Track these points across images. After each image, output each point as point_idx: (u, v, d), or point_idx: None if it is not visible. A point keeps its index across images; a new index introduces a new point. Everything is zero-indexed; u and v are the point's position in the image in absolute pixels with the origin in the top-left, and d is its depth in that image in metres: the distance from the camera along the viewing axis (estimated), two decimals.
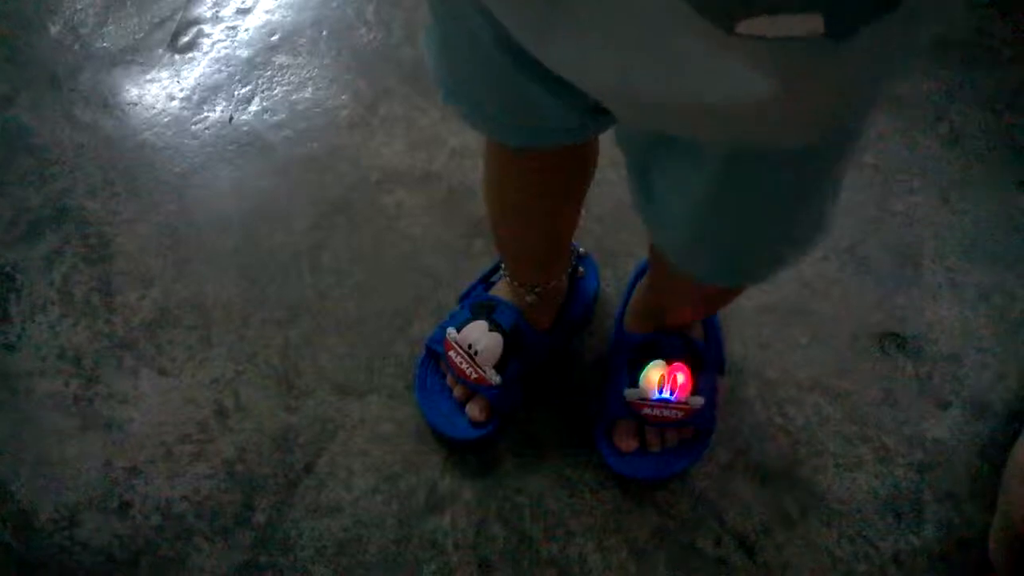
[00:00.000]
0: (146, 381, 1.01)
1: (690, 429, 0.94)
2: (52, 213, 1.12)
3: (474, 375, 0.93)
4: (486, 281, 1.02)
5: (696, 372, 0.92)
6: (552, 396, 1.00)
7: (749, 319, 1.04)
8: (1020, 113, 1.20)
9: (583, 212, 1.10)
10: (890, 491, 0.96)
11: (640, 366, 0.92)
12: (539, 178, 0.76)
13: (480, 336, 0.93)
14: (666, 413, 0.91)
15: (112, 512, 0.94)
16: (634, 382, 0.92)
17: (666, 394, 0.90)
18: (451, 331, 0.94)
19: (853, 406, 1.00)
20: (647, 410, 0.91)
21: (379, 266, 1.08)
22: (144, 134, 1.19)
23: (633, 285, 1.01)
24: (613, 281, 1.06)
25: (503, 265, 0.95)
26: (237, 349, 1.03)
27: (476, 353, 0.92)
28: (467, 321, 0.94)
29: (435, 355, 0.98)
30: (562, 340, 1.01)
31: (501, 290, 0.98)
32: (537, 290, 0.93)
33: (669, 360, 0.92)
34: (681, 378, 0.90)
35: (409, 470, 0.96)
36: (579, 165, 0.78)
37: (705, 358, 0.94)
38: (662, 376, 0.90)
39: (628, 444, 0.93)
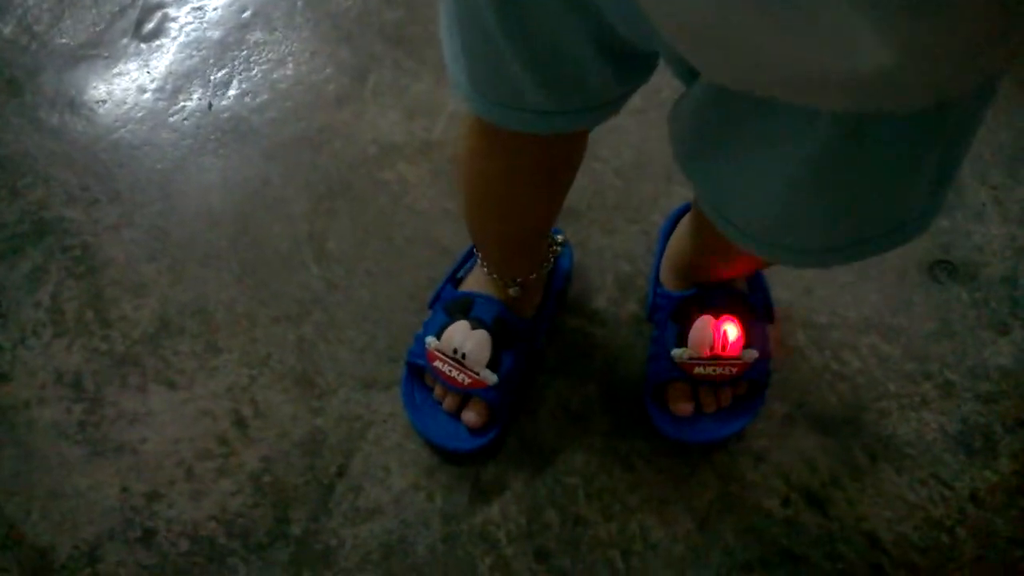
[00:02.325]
0: (155, 397, 0.94)
1: (744, 385, 0.88)
2: (30, 228, 1.04)
3: (467, 380, 0.85)
4: (453, 279, 0.94)
5: (746, 324, 0.86)
6: (583, 369, 0.94)
7: None
8: None
9: (601, 167, 1.04)
10: (959, 427, 0.90)
11: (686, 324, 0.86)
12: (533, 169, 0.69)
13: (464, 337, 0.85)
14: (720, 371, 0.85)
15: (135, 542, 0.87)
16: (682, 341, 0.85)
17: (718, 350, 0.84)
18: (431, 340, 0.86)
19: (910, 342, 0.94)
20: (699, 369, 0.85)
21: (388, 247, 1.01)
22: (118, 132, 1.10)
23: (665, 239, 0.94)
24: (642, 238, 1.00)
25: (482, 260, 0.87)
26: (249, 352, 0.96)
27: (464, 356, 0.85)
28: (445, 325, 0.87)
29: (418, 370, 0.90)
30: (549, 322, 0.94)
31: (474, 284, 0.90)
32: (520, 281, 0.86)
33: (716, 314, 0.85)
34: (733, 332, 0.84)
35: (449, 461, 0.90)
36: (574, 154, 0.72)
37: (753, 308, 0.87)
38: (712, 331, 0.84)
39: (684, 407, 0.86)
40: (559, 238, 0.91)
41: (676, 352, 0.85)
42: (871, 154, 0.46)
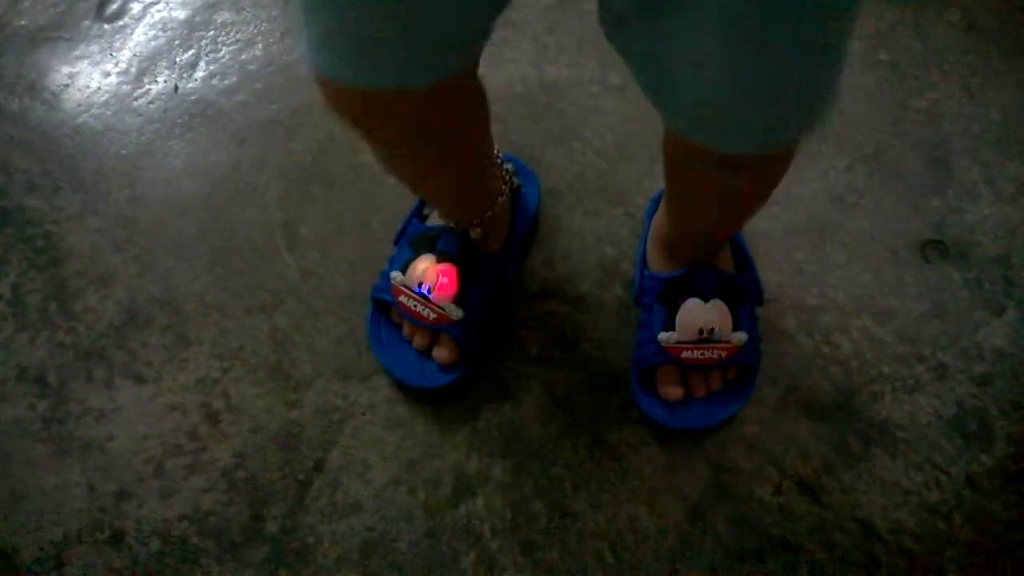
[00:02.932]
0: (122, 392, 0.90)
1: (733, 369, 0.85)
2: None
3: (432, 315, 0.83)
4: (419, 214, 0.91)
5: (734, 307, 0.83)
6: (569, 356, 0.91)
7: (778, 243, 0.95)
8: None
9: (582, 147, 1.01)
10: (954, 410, 0.88)
11: (673, 306, 0.83)
12: (426, 129, 0.62)
13: (429, 271, 0.84)
14: (708, 354, 0.82)
15: (104, 543, 0.83)
16: (669, 324, 0.83)
17: (706, 334, 0.81)
18: (395, 275, 0.84)
19: (902, 324, 0.91)
20: (687, 353, 0.82)
21: (366, 232, 0.97)
22: (81, 117, 1.05)
23: (650, 220, 0.91)
24: (626, 220, 0.96)
25: (436, 210, 0.85)
26: (220, 344, 0.92)
27: (429, 291, 0.83)
28: (411, 259, 0.85)
29: (384, 306, 0.88)
30: (517, 258, 0.93)
31: (440, 219, 0.88)
32: (477, 222, 0.84)
33: (705, 297, 0.83)
34: (721, 315, 0.81)
35: (431, 454, 0.86)
36: (463, 100, 0.65)
37: (742, 290, 0.85)
38: (701, 315, 0.81)
39: (675, 392, 0.83)
40: (508, 167, 0.89)
41: (663, 336, 0.82)
42: (773, 12, 0.46)
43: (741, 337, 0.82)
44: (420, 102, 0.57)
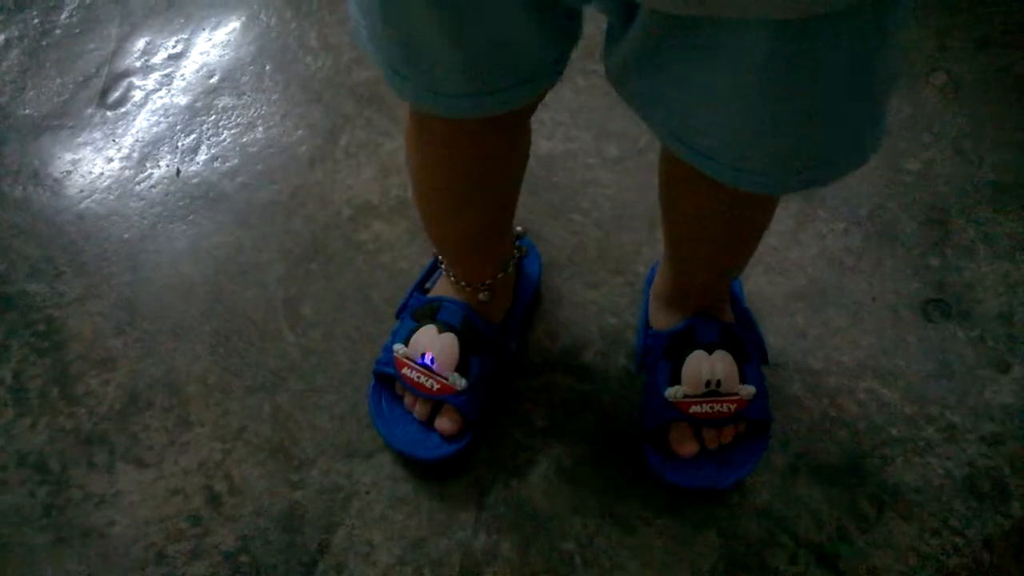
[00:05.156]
0: (124, 476, 0.89)
1: (743, 424, 0.84)
2: None
3: (435, 386, 0.83)
4: (420, 287, 0.92)
5: (740, 359, 0.83)
6: (575, 428, 0.90)
7: (780, 308, 0.95)
8: (1015, 49, 1.13)
9: (582, 219, 1.02)
10: (966, 471, 0.87)
11: (678, 360, 0.83)
12: (473, 160, 0.70)
13: (431, 342, 0.84)
14: (717, 407, 0.81)
15: None
16: (675, 379, 0.82)
17: (713, 387, 0.81)
18: (398, 347, 0.85)
19: (909, 385, 0.91)
20: (695, 407, 0.81)
21: (367, 308, 0.97)
22: (84, 203, 1.07)
23: (650, 283, 0.92)
24: (626, 289, 0.97)
25: (446, 269, 0.86)
26: (222, 425, 0.91)
27: (432, 361, 0.83)
28: (413, 331, 0.85)
29: (387, 379, 0.88)
30: (519, 330, 0.93)
31: (441, 292, 0.89)
32: (488, 283, 0.85)
33: (709, 349, 0.82)
34: (726, 366, 0.81)
35: (437, 532, 0.85)
36: (514, 143, 0.72)
37: (745, 342, 0.85)
38: (705, 366, 0.81)
39: (689, 448, 0.82)
40: (518, 229, 0.89)
41: (670, 391, 0.82)
42: (816, 58, 0.47)
43: (750, 390, 0.82)
44: (477, 132, 0.64)
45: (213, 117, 1.12)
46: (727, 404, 0.81)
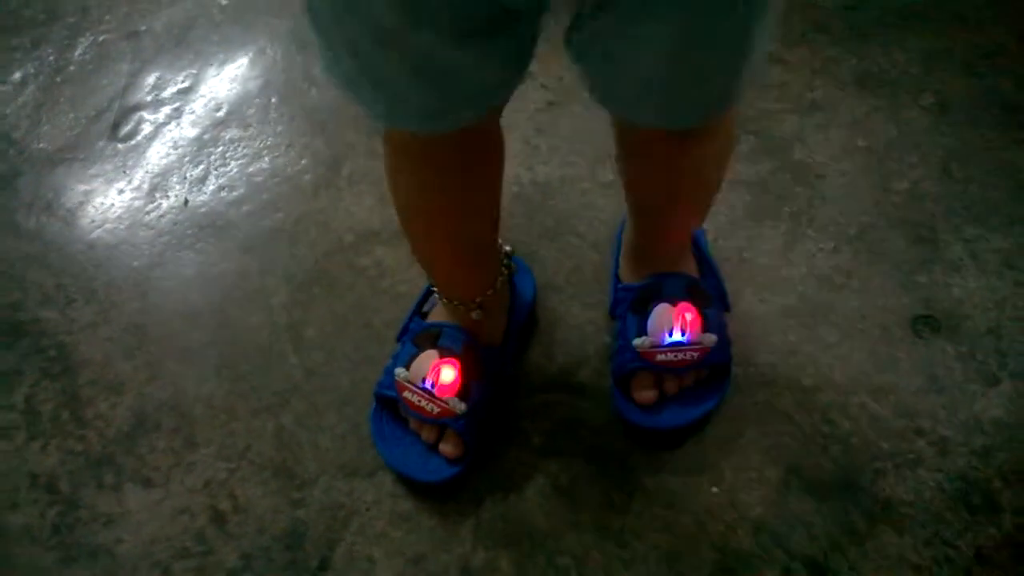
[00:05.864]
0: (131, 496, 0.91)
1: (705, 371, 0.89)
2: (5, 330, 1.03)
3: (436, 410, 0.85)
4: (420, 312, 0.95)
5: (702, 309, 0.88)
6: (571, 442, 0.92)
7: (771, 326, 0.97)
8: (1000, 72, 1.16)
9: (578, 242, 1.04)
10: (958, 484, 0.88)
11: (645, 313, 0.88)
12: (456, 172, 0.74)
13: (432, 367, 0.86)
14: (680, 356, 0.86)
15: None
16: (643, 331, 0.87)
17: (677, 335, 0.86)
18: (400, 371, 0.87)
19: (899, 400, 0.92)
20: (661, 356, 0.86)
21: (368, 332, 1.00)
22: (95, 232, 1.10)
23: (620, 237, 0.98)
24: None
25: (436, 289, 0.89)
26: (227, 446, 0.94)
27: (432, 386, 0.85)
28: (414, 356, 0.88)
29: (388, 402, 0.90)
30: (516, 351, 0.96)
31: (440, 315, 0.91)
32: (479, 301, 0.87)
33: (673, 301, 0.88)
34: (689, 316, 0.87)
35: (437, 548, 0.86)
36: (489, 149, 0.78)
37: (708, 292, 0.90)
38: (671, 317, 0.86)
39: (648, 395, 0.88)
40: (507, 248, 0.93)
41: (637, 341, 0.87)
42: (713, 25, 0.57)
43: (710, 338, 0.86)
44: (447, 144, 0.69)
45: (220, 148, 1.16)
46: (691, 353, 0.86)
